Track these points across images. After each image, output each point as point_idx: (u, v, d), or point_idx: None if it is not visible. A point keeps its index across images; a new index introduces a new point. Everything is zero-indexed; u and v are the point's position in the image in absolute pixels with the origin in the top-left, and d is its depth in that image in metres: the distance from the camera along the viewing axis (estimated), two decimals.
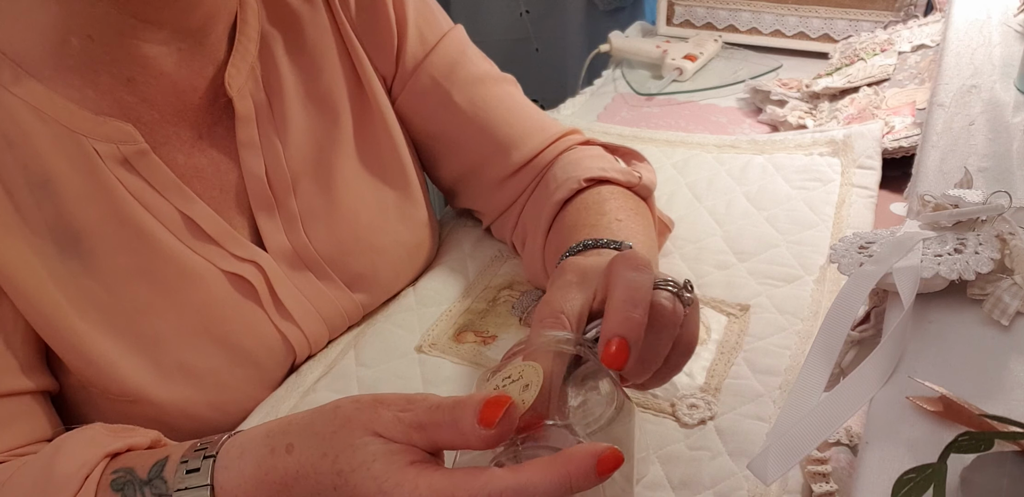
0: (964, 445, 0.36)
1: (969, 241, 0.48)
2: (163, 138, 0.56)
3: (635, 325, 0.43)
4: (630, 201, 0.67)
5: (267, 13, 0.61)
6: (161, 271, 0.56)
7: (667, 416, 0.59)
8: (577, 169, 0.68)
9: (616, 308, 0.44)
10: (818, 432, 0.41)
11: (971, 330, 0.46)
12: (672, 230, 0.76)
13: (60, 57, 0.51)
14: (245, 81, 0.59)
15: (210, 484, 0.42)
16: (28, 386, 0.53)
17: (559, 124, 0.74)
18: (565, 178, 0.67)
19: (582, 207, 0.66)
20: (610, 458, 0.37)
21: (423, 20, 0.69)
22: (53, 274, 0.52)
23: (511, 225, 0.73)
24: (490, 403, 0.38)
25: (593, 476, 0.36)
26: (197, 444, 0.44)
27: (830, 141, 0.88)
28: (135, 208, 0.55)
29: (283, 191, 0.62)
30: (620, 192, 0.67)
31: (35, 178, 0.51)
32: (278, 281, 0.61)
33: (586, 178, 0.67)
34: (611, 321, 0.44)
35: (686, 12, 1.24)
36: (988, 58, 0.76)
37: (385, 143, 0.68)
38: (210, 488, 0.42)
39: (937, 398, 0.41)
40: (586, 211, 0.65)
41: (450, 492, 0.36)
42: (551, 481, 0.36)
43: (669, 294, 0.46)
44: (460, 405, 0.38)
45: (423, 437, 0.39)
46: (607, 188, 0.67)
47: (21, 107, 0.50)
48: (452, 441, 0.39)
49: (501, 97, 0.71)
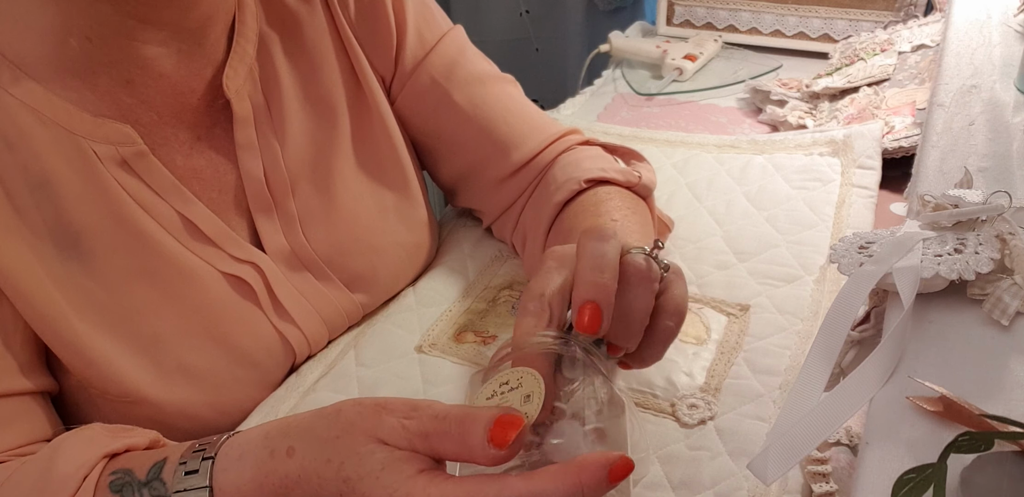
0: (964, 445, 0.36)
1: (969, 241, 0.48)
2: (162, 140, 0.56)
3: (602, 288, 0.44)
4: (628, 201, 0.67)
5: (265, 14, 0.61)
6: (160, 272, 0.56)
7: (667, 416, 0.59)
8: (577, 170, 0.68)
9: (583, 276, 0.45)
10: (818, 432, 0.41)
11: (971, 330, 0.46)
12: (672, 229, 0.76)
13: (59, 59, 0.51)
14: (243, 82, 0.59)
15: (209, 486, 0.42)
16: (28, 386, 0.53)
17: (559, 124, 0.74)
18: (565, 179, 0.67)
19: (580, 209, 0.66)
20: (621, 466, 0.37)
21: (422, 20, 0.69)
22: (52, 275, 0.52)
23: (511, 225, 0.73)
24: (503, 423, 0.38)
25: (605, 484, 0.37)
26: (195, 445, 0.44)
27: (830, 141, 0.88)
28: (134, 209, 0.55)
29: (281, 192, 0.62)
30: (619, 192, 0.67)
31: (34, 179, 0.51)
32: (277, 282, 0.61)
33: (586, 179, 0.67)
34: (579, 288, 0.45)
35: (686, 12, 1.24)
36: (988, 58, 0.76)
37: (384, 144, 0.68)
38: (209, 490, 0.42)
39: (937, 398, 0.41)
40: (584, 213, 0.65)
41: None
42: (564, 490, 0.37)
43: (640, 255, 0.48)
44: (470, 419, 0.38)
45: (426, 446, 0.39)
46: (606, 188, 0.67)
47: (20, 109, 0.50)
48: (457, 454, 0.39)
49: (500, 97, 0.71)
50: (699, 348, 0.64)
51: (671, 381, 0.61)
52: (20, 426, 0.52)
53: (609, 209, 0.64)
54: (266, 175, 0.61)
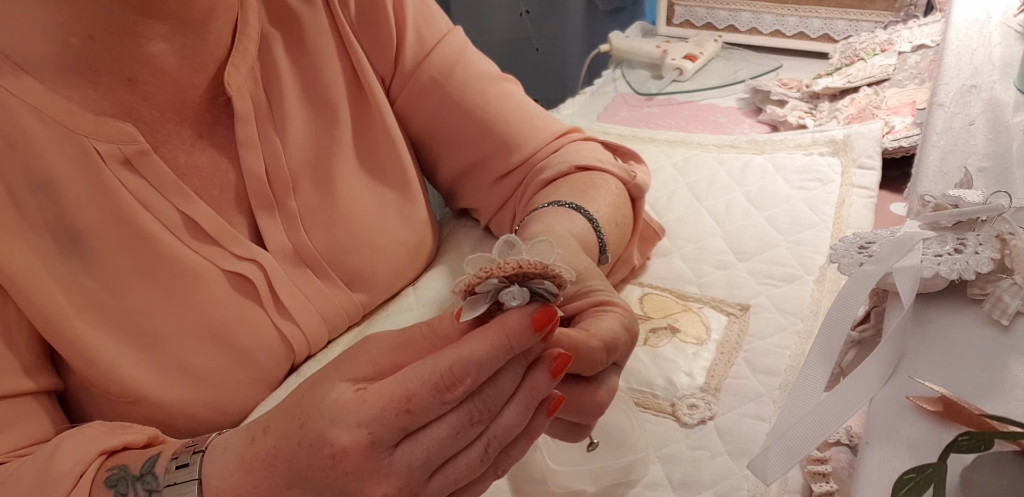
0: (964, 445, 0.36)
1: (969, 241, 0.48)
2: (164, 137, 0.56)
3: (591, 363, 0.42)
4: (618, 196, 0.66)
5: (267, 13, 0.61)
6: (161, 271, 0.56)
7: (667, 416, 0.59)
8: (571, 158, 0.69)
9: (592, 345, 0.42)
10: (818, 432, 0.41)
11: (971, 330, 0.46)
12: (662, 237, 0.75)
13: (61, 57, 0.51)
14: (244, 80, 0.59)
15: (198, 478, 0.42)
16: (30, 387, 0.53)
17: (560, 123, 0.74)
18: (558, 162, 0.68)
19: (561, 182, 0.66)
20: (543, 314, 0.37)
21: (422, 21, 0.69)
22: (54, 274, 0.52)
23: (509, 221, 0.73)
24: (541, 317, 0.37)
25: (530, 333, 0.37)
26: (189, 442, 0.45)
27: (830, 141, 0.88)
28: (136, 208, 0.55)
29: (283, 190, 0.62)
30: (608, 181, 0.67)
31: (36, 179, 0.51)
32: (278, 280, 0.61)
33: (577, 165, 0.67)
34: (582, 346, 0.42)
35: (686, 12, 1.24)
36: (988, 58, 0.76)
37: (384, 142, 0.68)
38: (198, 482, 0.42)
39: (937, 398, 0.41)
40: (564, 185, 0.65)
41: (403, 388, 0.37)
42: (491, 345, 0.37)
43: (615, 382, 0.45)
44: (430, 321, 0.39)
45: (390, 359, 0.39)
46: (598, 174, 0.67)
47: (22, 108, 0.50)
48: (430, 342, 0.39)
49: (500, 97, 0.72)
50: (699, 348, 0.64)
51: (671, 381, 0.61)
52: (23, 428, 0.52)
53: (589, 191, 0.64)
54: (267, 172, 0.61)
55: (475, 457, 0.39)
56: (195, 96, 0.57)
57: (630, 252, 0.69)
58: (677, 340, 0.65)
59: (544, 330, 0.38)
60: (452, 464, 0.39)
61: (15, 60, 0.50)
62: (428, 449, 0.37)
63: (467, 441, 0.38)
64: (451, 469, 0.39)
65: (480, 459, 0.39)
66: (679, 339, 0.65)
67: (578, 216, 0.60)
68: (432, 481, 0.38)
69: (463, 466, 0.39)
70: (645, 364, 0.63)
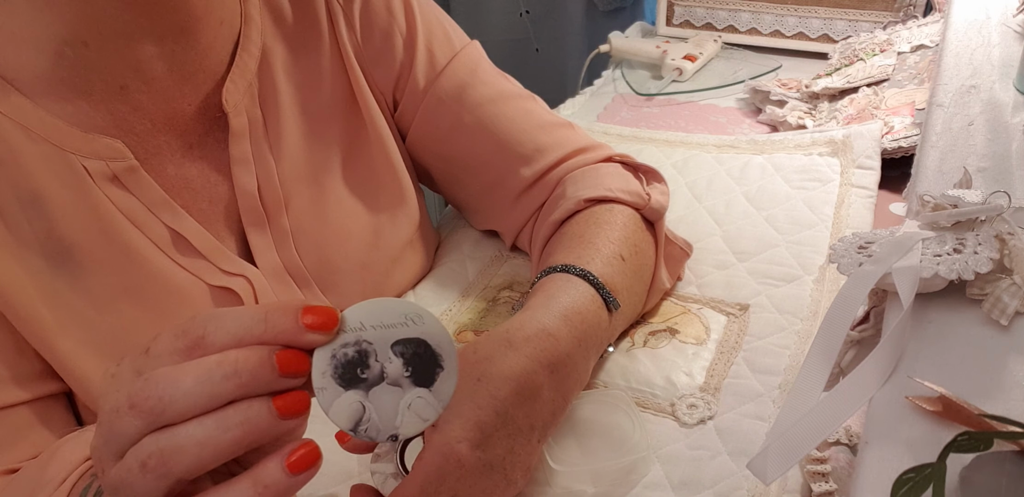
0: (963, 445, 0.36)
1: (968, 241, 0.48)
2: (154, 148, 0.56)
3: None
4: (628, 229, 0.64)
5: (270, 30, 0.61)
6: (148, 288, 0.56)
7: (667, 416, 0.59)
8: (582, 188, 0.67)
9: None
10: (818, 432, 0.41)
11: (970, 330, 0.46)
12: (690, 254, 0.72)
13: (55, 70, 0.51)
14: (242, 96, 0.59)
15: None
16: (22, 397, 0.53)
17: (583, 139, 0.72)
18: (569, 196, 0.66)
19: (567, 227, 0.65)
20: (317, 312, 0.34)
21: (434, 40, 0.68)
22: (41, 291, 0.52)
23: (528, 241, 0.72)
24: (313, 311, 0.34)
25: (292, 314, 0.34)
26: None
27: (829, 141, 0.88)
28: (124, 225, 0.55)
29: (275, 207, 0.62)
30: (615, 214, 0.65)
31: (25, 196, 0.51)
32: (265, 297, 0.61)
33: (586, 198, 0.65)
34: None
35: (686, 12, 1.24)
36: (987, 58, 0.76)
37: (380, 162, 0.68)
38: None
39: (936, 398, 0.41)
40: (568, 231, 0.64)
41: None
42: (250, 317, 0.34)
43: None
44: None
45: (184, 336, 0.36)
46: (608, 208, 0.65)
47: (9, 126, 0.51)
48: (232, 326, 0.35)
49: (514, 116, 0.70)
50: (699, 348, 0.65)
51: (671, 381, 0.61)
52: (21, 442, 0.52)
53: (594, 236, 0.62)
54: (260, 190, 0.61)
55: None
56: (185, 106, 0.57)
57: (658, 276, 0.67)
58: (676, 341, 0.65)
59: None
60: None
61: (6, 77, 0.50)
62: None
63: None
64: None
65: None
66: (678, 340, 0.66)
67: (576, 281, 0.58)
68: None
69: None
70: (645, 364, 0.63)
